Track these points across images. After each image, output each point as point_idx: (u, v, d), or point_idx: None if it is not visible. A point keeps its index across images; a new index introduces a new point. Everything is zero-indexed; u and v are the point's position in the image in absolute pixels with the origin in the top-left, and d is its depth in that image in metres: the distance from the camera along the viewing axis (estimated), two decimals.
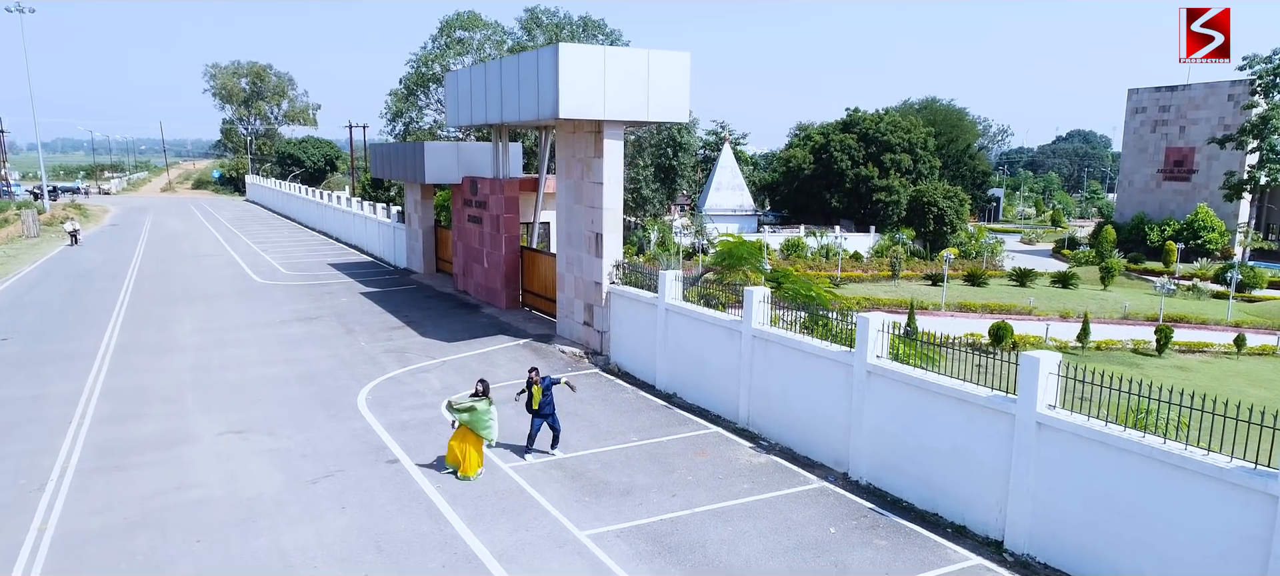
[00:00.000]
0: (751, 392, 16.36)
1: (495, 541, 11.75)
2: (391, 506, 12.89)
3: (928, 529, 12.25)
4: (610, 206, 21.03)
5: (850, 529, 12.22)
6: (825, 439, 14.66)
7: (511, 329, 25.04)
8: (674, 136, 69.40)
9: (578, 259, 22.38)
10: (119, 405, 18.06)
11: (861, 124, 74.31)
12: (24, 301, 31.06)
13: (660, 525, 12.27)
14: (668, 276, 18.85)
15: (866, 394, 13.64)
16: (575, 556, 11.36)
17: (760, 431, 16.18)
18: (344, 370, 20.84)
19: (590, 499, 13.19)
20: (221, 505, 12.96)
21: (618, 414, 17.49)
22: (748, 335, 16.25)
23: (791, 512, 12.71)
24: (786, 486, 13.76)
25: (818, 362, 14.71)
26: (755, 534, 11.99)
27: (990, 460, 11.76)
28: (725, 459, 14.97)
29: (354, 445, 15.55)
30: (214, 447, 15.46)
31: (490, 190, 27.98)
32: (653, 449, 15.41)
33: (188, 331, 25.43)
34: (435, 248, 36.14)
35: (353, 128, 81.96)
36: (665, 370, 19.03)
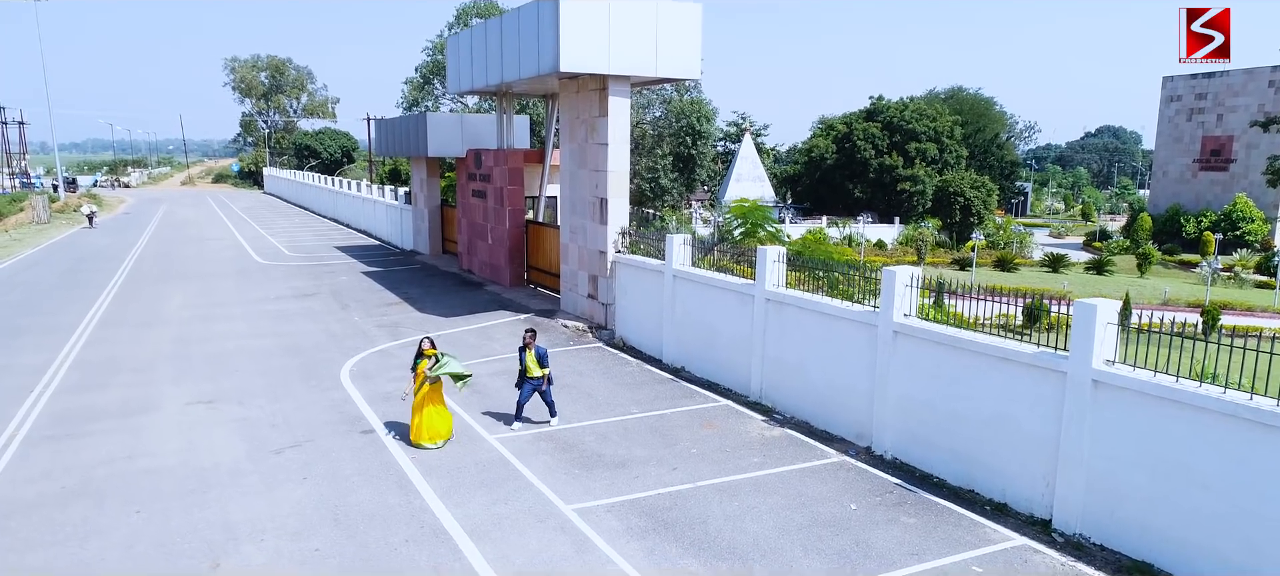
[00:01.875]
0: (765, 362, 14.87)
1: (468, 515, 10.36)
2: (358, 477, 11.54)
3: (963, 506, 10.72)
4: (616, 169, 19.61)
5: (873, 505, 10.71)
6: (846, 410, 13.15)
7: (513, 305, 23.68)
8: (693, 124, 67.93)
9: (582, 227, 20.98)
10: (87, 375, 16.89)
11: (886, 112, 72.44)
12: (16, 280, 30.14)
13: (657, 499, 10.83)
14: (676, 240, 17.39)
15: (892, 357, 12.12)
16: (557, 532, 9.94)
17: (774, 404, 14.69)
18: (332, 343, 19.58)
19: (581, 471, 11.77)
20: (172, 475, 11.67)
21: (619, 386, 16.05)
22: (761, 299, 14.76)
23: (806, 488, 11.22)
24: (801, 460, 12.27)
25: (837, 325, 13.21)
26: (765, 510, 10.51)
27: (1036, 427, 10.21)
28: (734, 432, 13.49)
29: (329, 415, 14.24)
30: (178, 417, 14.20)
31: (494, 162, 26.66)
32: (654, 421, 13.97)
33: (176, 306, 24.31)
34: (442, 228, 34.89)
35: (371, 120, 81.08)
36: (673, 342, 17.57)
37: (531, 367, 13.25)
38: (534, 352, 13.24)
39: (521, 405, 13.43)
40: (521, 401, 13.41)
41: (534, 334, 13.40)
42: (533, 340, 13.29)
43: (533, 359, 13.23)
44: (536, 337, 13.40)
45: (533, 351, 13.23)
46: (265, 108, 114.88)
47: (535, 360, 13.24)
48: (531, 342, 13.26)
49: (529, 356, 13.24)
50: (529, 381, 13.35)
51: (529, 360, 13.24)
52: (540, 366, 13.27)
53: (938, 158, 70.77)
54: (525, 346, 13.28)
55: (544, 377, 13.34)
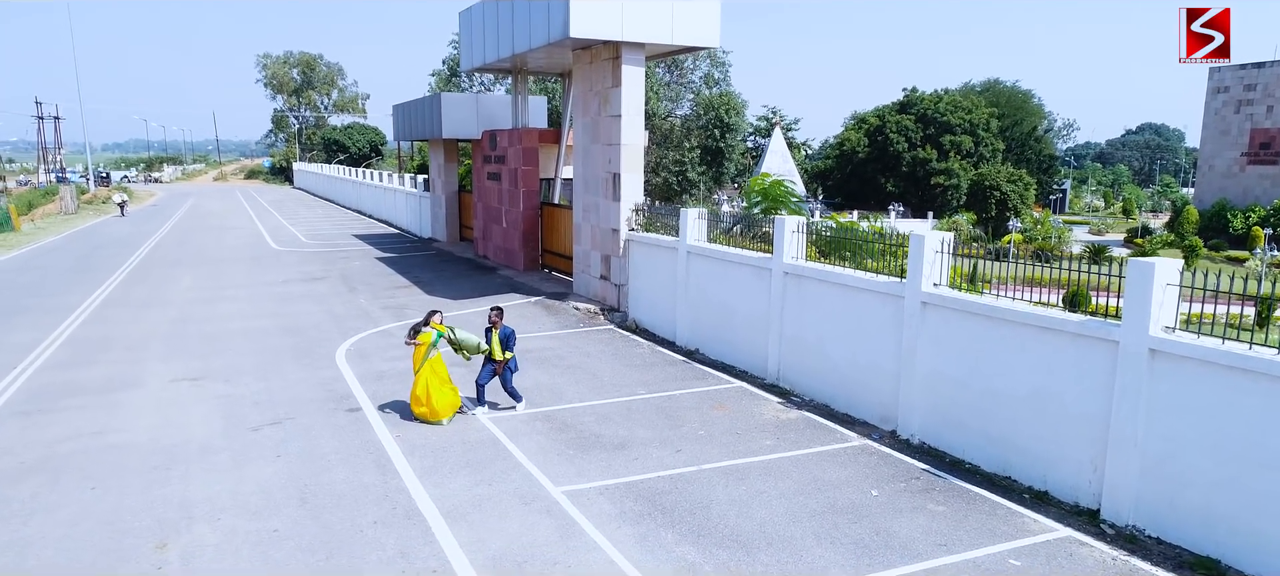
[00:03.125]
0: (783, 341, 13.78)
1: (447, 496, 9.41)
2: (335, 456, 10.65)
3: (998, 493, 9.56)
4: (629, 142, 18.60)
5: (897, 492, 9.59)
6: (869, 391, 12.03)
7: (525, 288, 22.77)
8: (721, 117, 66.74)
9: (594, 205, 19.99)
10: (76, 353, 16.23)
11: (919, 104, 70.68)
12: (32, 264, 29.85)
13: (655, 483, 9.80)
14: (690, 215, 16.35)
15: (921, 331, 10.99)
16: (541, 515, 8.95)
17: (792, 386, 13.60)
18: (333, 323, 18.79)
19: (575, 452, 10.78)
20: (138, 451, 10.86)
21: (627, 367, 15.04)
22: (778, 273, 13.68)
23: (823, 472, 10.13)
24: (819, 444, 11.17)
25: (860, 298, 12.09)
26: (775, 495, 9.44)
27: (1083, 405, 9.04)
28: (747, 413, 12.43)
29: (316, 393, 13.40)
30: (159, 394, 13.44)
31: (508, 142, 25.78)
32: (661, 402, 12.94)
33: (183, 289, 23.72)
34: (459, 214, 34.11)
35: None
36: (686, 322, 16.53)
37: (495, 350, 12.20)
38: (499, 333, 12.20)
39: (481, 388, 12.36)
40: (481, 382, 12.34)
41: (500, 313, 12.34)
42: (499, 320, 12.25)
43: (496, 341, 12.20)
44: (503, 317, 12.33)
45: (498, 332, 12.21)
46: (296, 104, 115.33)
47: (499, 342, 12.20)
48: (498, 322, 12.23)
49: (494, 338, 12.22)
50: (489, 363, 12.32)
51: (494, 342, 12.22)
52: (504, 349, 12.20)
53: (973, 151, 68.89)
54: (491, 326, 12.27)
55: (504, 362, 12.22)
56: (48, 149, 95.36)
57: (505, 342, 12.19)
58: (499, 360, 12.19)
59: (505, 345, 12.19)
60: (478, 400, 12.35)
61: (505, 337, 12.20)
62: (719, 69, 71.75)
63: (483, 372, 12.33)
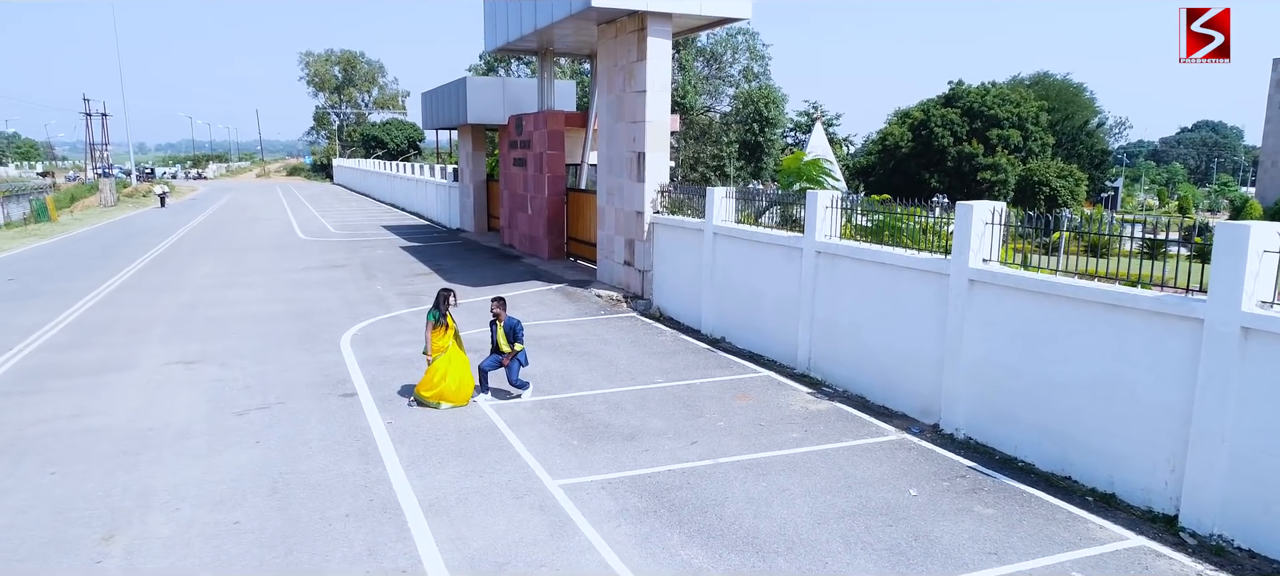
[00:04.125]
0: (814, 327, 12.64)
1: (431, 488, 8.45)
2: (318, 443, 9.76)
3: (1056, 495, 8.35)
4: (654, 119, 17.56)
5: (939, 492, 8.43)
6: (909, 380, 10.85)
7: (547, 276, 21.84)
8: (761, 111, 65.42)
9: (619, 187, 18.98)
10: (77, 335, 15.64)
11: (966, 98, 68.54)
12: (59, 252, 29.69)
13: (665, 477, 8.74)
14: (716, 193, 15.25)
15: (967, 313, 9.79)
16: (533, 511, 7.95)
17: (824, 376, 12.45)
18: (345, 309, 18.02)
19: (580, 443, 9.77)
20: (112, 434, 10.08)
21: (646, 355, 14.00)
22: (810, 252, 12.54)
23: (855, 469, 8.99)
24: (850, 437, 10.02)
25: (900, 278, 10.92)
26: (799, 493, 8.33)
27: (1159, 394, 7.80)
28: (772, 404, 11.31)
29: (313, 378, 12.57)
30: (149, 376, 12.71)
31: (533, 127, 24.89)
32: (680, 391, 11.88)
33: (201, 275, 23.19)
34: (486, 204, 33.37)
35: None
36: (712, 309, 15.43)
37: (501, 343, 11.29)
38: (504, 326, 11.26)
39: (485, 374, 11.42)
40: (485, 368, 11.39)
41: (502, 304, 11.38)
42: (502, 311, 11.30)
43: (502, 334, 11.26)
44: (506, 308, 11.38)
45: (502, 324, 11.26)
46: (338, 101, 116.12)
47: (505, 335, 11.26)
48: (501, 314, 11.28)
49: (498, 331, 11.28)
50: (496, 352, 11.41)
51: (498, 335, 11.28)
52: (510, 343, 11.27)
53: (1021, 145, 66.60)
54: (494, 319, 11.33)
55: (512, 355, 11.28)
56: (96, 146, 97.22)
57: (512, 335, 11.25)
58: (506, 353, 11.27)
59: (512, 337, 11.25)
60: (480, 387, 11.40)
61: (511, 330, 11.26)
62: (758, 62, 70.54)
63: (488, 359, 11.40)
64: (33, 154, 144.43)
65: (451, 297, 11.24)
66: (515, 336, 11.23)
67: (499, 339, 11.25)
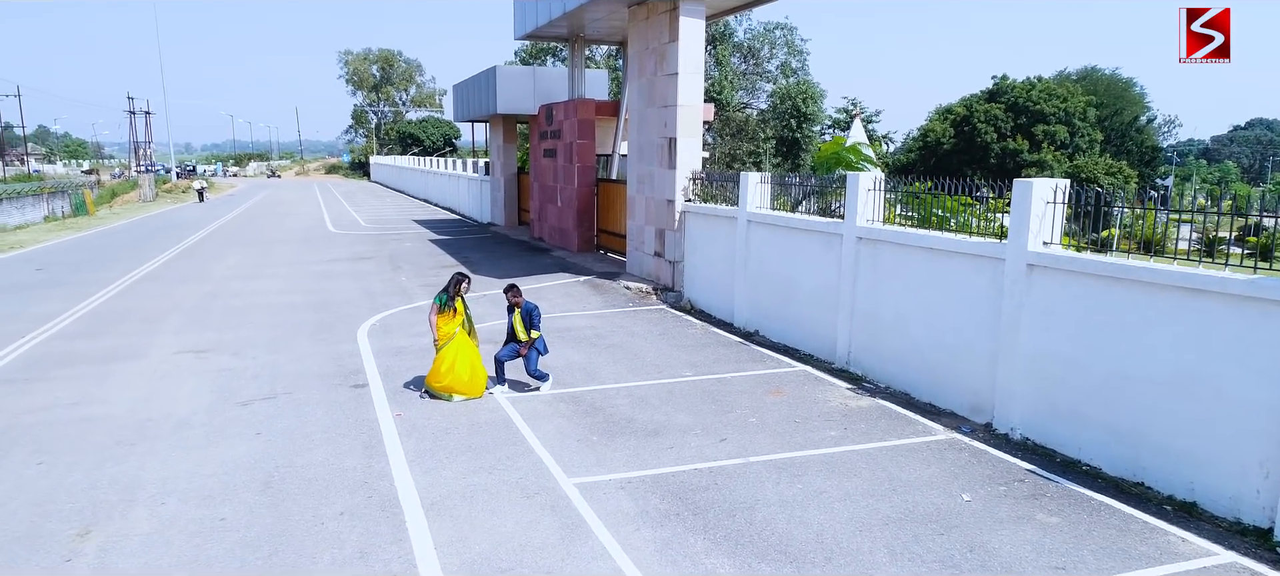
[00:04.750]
0: (854, 318, 11.80)
1: (435, 485, 7.79)
2: (321, 435, 9.15)
3: (1128, 503, 7.45)
4: (687, 103, 16.79)
5: (995, 497, 7.57)
6: (957, 375, 9.98)
7: (575, 268, 21.17)
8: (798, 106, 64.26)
9: (649, 176, 18.24)
10: (92, 324, 15.29)
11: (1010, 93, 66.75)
12: (90, 244, 29.71)
13: (689, 476, 7.98)
14: (751, 179, 14.45)
15: (1025, 301, 8.91)
16: (543, 511, 7.24)
17: (864, 370, 11.60)
18: (366, 300, 17.51)
19: (600, 438, 9.04)
20: (109, 424, 9.57)
21: (674, 348, 13.25)
22: (850, 239, 11.70)
23: (900, 471, 8.16)
24: (894, 436, 9.18)
25: (949, 265, 10.06)
26: (838, 497, 7.53)
27: (1250, 390, 6.88)
28: (809, 400, 10.50)
29: (326, 368, 12.01)
30: (157, 366, 12.24)
31: (563, 116, 24.24)
32: (709, 385, 11.11)
33: (226, 266, 22.89)
34: (517, 197, 32.83)
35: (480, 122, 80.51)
36: (746, 301, 14.63)
37: (518, 331, 10.65)
38: (521, 312, 10.60)
39: (501, 365, 10.76)
40: (501, 359, 10.74)
41: (516, 291, 10.76)
42: (518, 298, 10.68)
43: (519, 320, 10.61)
44: (521, 295, 10.76)
45: (520, 311, 10.61)
46: (375, 100, 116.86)
47: (521, 322, 10.61)
48: (518, 301, 10.65)
49: (515, 318, 10.64)
50: (513, 341, 10.76)
51: (515, 323, 10.64)
52: (528, 330, 10.62)
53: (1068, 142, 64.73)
54: (511, 306, 10.70)
55: (530, 343, 10.64)
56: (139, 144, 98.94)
57: (529, 321, 10.58)
58: (523, 341, 10.60)
59: (529, 324, 10.58)
60: (496, 378, 10.74)
61: (529, 315, 10.60)
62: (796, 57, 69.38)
63: (504, 349, 10.74)
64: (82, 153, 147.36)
65: (464, 283, 10.61)
66: (532, 322, 10.56)
67: (516, 326, 10.60)
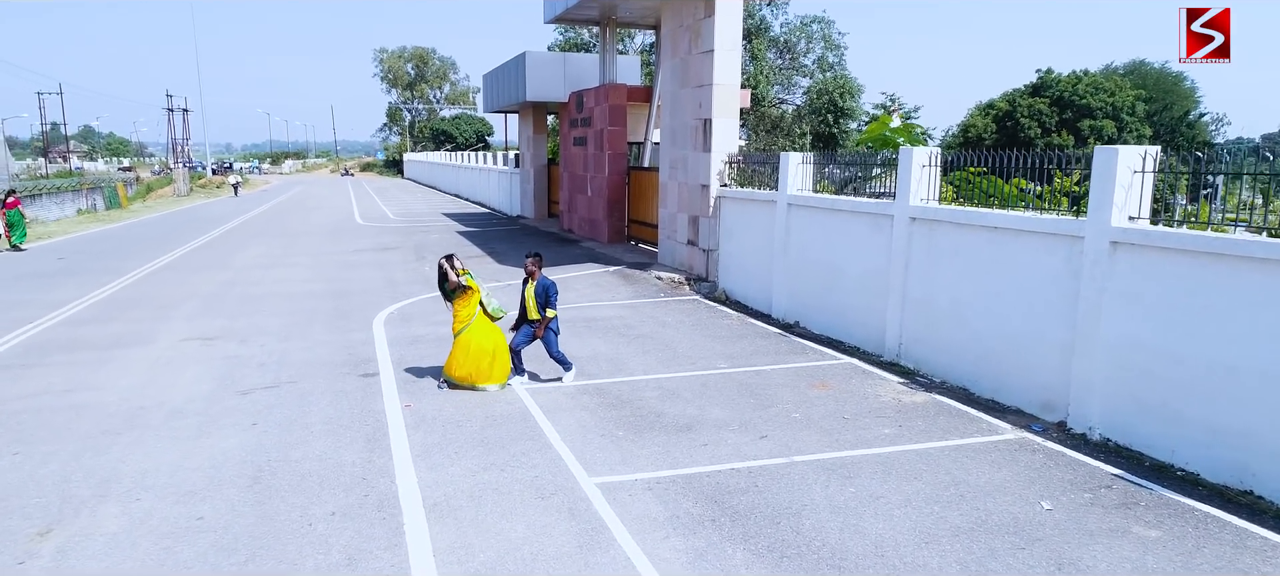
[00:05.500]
0: (906, 307, 10.79)
1: (440, 483, 6.95)
2: (321, 426, 8.37)
3: (1240, 515, 6.40)
4: (723, 82, 15.86)
5: (1080, 506, 6.55)
6: (1026, 368, 8.94)
7: (605, 258, 20.32)
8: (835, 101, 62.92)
9: (682, 160, 17.32)
10: (104, 310, 14.75)
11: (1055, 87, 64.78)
12: (119, 235, 29.47)
13: (726, 477, 7.06)
14: (791, 160, 13.49)
15: (1107, 284, 7.87)
16: (560, 514, 6.36)
17: (917, 363, 10.59)
18: (387, 288, 16.81)
19: (626, 434, 8.15)
20: (98, 412, 8.88)
21: (708, 339, 12.33)
22: (902, 220, 10.70)
23: (967, 474, 7.17)
24: (956, 435, 8.19)
25: (1016, 246, 9.03)
26: (897, 502, 6.56)
27: None
28: (857, 394, 9.52)
29: (336, 356, 11.26)
30: (161, 352, 11.58)
31: (594, 102, 23.41)
32: (747, 378, 10.18)
33: (249, 256, 22.38)
34: (547, 189, 32.09)
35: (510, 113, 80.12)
36: (785, 291, 13.66)
37: (530, 307, 9.70)
38: (535, 287, 9.68)
39: (517, 354, 9.84)
40: (516, 347, 9.80)
41: (538, 260, 9.75)
42: (536, 269, 9.69)
43: (531, 295, 9.68)
44: (541, 266, 9.77)
45: (534, 285, 9.68)
46: (410, 97, 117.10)
47: (534, 298, 9.67)
48: (535, 272, 9.68)
49: (528, 291, 9.71)
50: (526, 324, 9.82)
51: (527, 296, 9.71)
52: (540, 308, 9.66)
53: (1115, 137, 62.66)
54: (527, 277, 9.75)
55: (543, 324, 9.68)
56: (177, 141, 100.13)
57: (543, 298, 9.67)
58: (537, 321, 9.70)
59: (544, 302, 9.67)
60: (515, 370, 9.88)
61: (543, 292, 9.67)
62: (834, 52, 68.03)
63: (517, 336, 9.86)
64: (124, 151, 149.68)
65: (452, 263, 9.63)
66: (548, 301, 9.64)
67: (527, 301, 9.67)
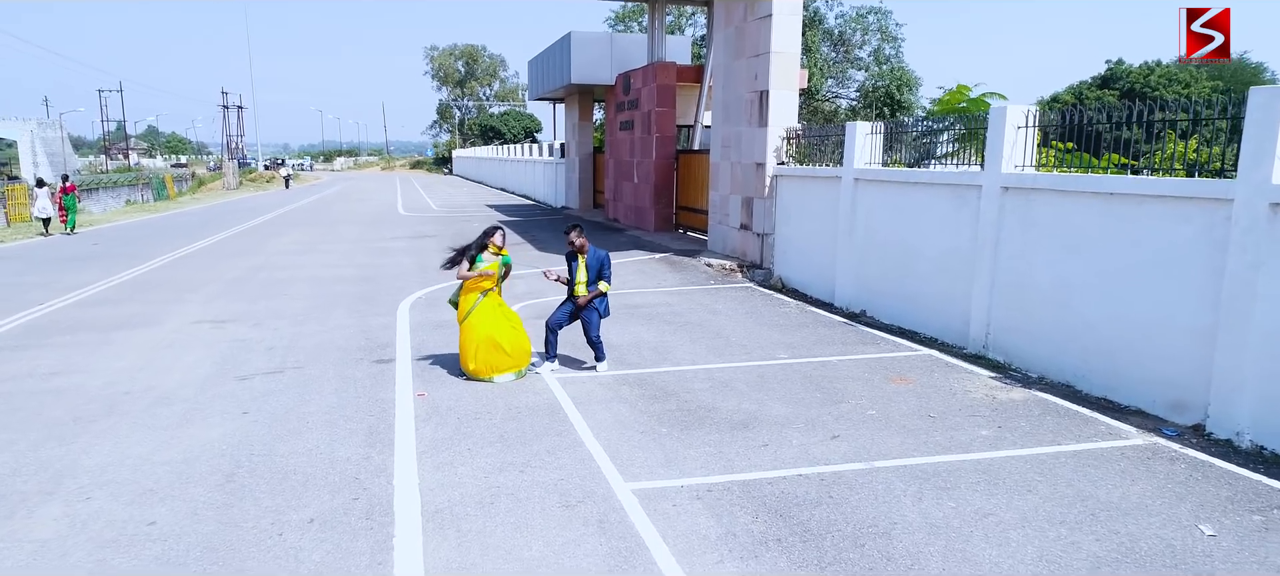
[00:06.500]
0: (995, 292, 9.35)
1: (446, 486, 5.76)
2: (319, 417, 7.26)
3: None
4: (781, 49, 14.50)
5: (1253, 531, 5.12)
6: (1150, 361, 7.47)
7: (651, 246, 19.09)
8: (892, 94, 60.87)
9: (736, 137, 15.99)
10: (120, 293, 13.97)
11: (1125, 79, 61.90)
12: (160, 223, 29.12)
13: (793, 486, 5.76)
14: (859, 128, 12.11)
15: (1265, 257, 6.39)
16: (588, 529, 5.12)
17: (1009, 356, 9.15)
18: (418, 273, 15.81)
19: (671, 430, 6.89)
20: (78, 397, 7.92)
21: (764, 327, 11.01)
22: (992, 190, 9.27)
23: (1093, 487, 5.77)
24: (1070, 439, 6.76)
25: (1141, 216, 7.59)
26: (1012, 520, 5.20)
27: None
28: (942, 390, 8.13)
29: (352, 341, 10.21)
30: (166, 334, 10.65)
31: (641, 82, 22.17)
32: (811, 370, 8.84)
33: (284, 243, 21.62)
34: (592, 178, 30.94)
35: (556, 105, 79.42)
36: (850, 277, 12.27)
37: (579, 282, 8.52)
38: (587, 260, 8.49)
39: (554, 333, 8.63)
40: (553, 325, 8.61)
41: (582, 231, 8.63)
42: (583, 242, 8.56)
43: (584, 269, 8.49)
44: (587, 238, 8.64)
45: (584, 258, 8.50)
46: (460, 95, 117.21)
47: (585, 269, 8.51)
48: (583, 245, 8.53)
49: (579, 266, 8.52)
50: (571, 300, 8.61)
51: (579, 272, 8.52)
52: (590, 281, 8.49)
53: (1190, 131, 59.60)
54: (575, 251, 8.56)
55: (589, 301, 8.48)
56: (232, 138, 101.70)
57: (596, 270, 8.48)
58: (582, 297, 8.49)
59: (596, 274, 8.47)
60: (547, 353, 8.69)
61: (596, 265, 8.49)
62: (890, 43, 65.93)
63: (557, 312, 8.67)
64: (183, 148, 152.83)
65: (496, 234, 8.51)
66: (601, 273, 8.46)
67: (579, 276, 8.49)
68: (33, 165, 65.74)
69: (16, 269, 17.12)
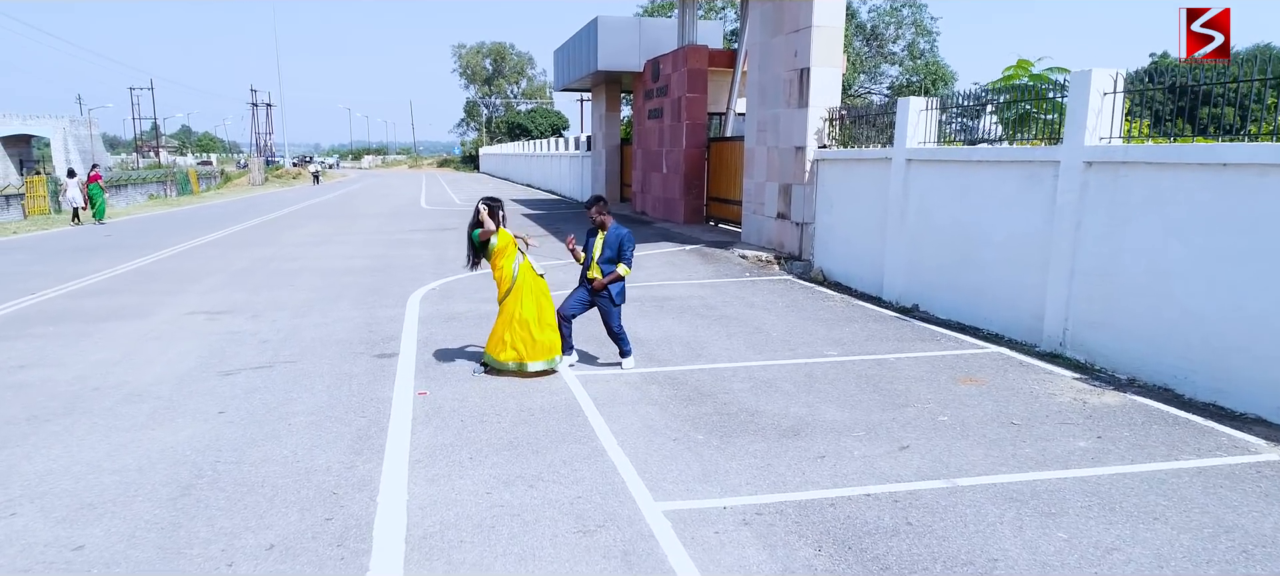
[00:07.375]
0: (1075, 282, 8.22)
1: (439, 503, 4.78)
2: (304, 418, 6.31)
3: None
4: (824, 22, 13.41)
5: None
6: (1272, 360, 6.32)
7: (681, 237, 18.04)
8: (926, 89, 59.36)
9: (773, 120, 14.91)
10: (119, 282, 13.24)
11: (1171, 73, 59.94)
12: (178, 216, 28.60)
13: (861, 508, 4.71)
14: (911, 105, 11.00)
15: None
16: (610, 562, 4.11)
17: (1092, 354, 8.01)
18: (433, 265, 14.91)
19: (709, 437, 5.86)
20: (39, 393, 7.06)
21: (808, 322, 9.95)
22: (1072, 166, 8.15)
23: (1237, 515, 4.66)
24: (1188, 453, 5.64)
25: (1259, 187, 6.45)
26: (1148, 562, 4.12)
27: None
28: (1021, 392, 7.02)
29: (353, 334, 9.29)
30: (154, 326, 9.81)
31: (671, 67, 21.14)
32: (866, 369, 7.76)
33: (301, 234, 20.88)
34: (620, 170, 29.94)
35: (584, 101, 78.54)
36: (900, 266, 11.17)
37: (596, 265, 7.46)
38: (605, 237, 7.45)
39: (567, 322, 7.61)
40: (567, 314, 7.58)
41: (603, 206, 7.54)
42: (605, 215, 7.51)
43: (601, 246, 7.44)
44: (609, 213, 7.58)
45: (604, 235, 7.45)
46: (488, 93, 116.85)
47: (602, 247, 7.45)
48: (605, 220, 7.48)
49: (597, 244, 7.47)
50: (584, 284, 7.58)
51: (596, 249, 7.47)
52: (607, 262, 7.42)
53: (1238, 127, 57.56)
54: (596, 227, 7.51)
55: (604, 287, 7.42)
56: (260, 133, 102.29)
57: (615, 250, 7.43)
58: (597, 281, 7.46)
59: (615, 253, 7.43)
60: (563, 346, 7.68)
61: (616, 244, 7.44)
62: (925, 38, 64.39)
63: (570, 300, 7.66)
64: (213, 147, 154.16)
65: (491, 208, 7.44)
66: (620, 254, 7.41)
67: (595, 255, 7.45)
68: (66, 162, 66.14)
69: (23, 259, 16.49)
